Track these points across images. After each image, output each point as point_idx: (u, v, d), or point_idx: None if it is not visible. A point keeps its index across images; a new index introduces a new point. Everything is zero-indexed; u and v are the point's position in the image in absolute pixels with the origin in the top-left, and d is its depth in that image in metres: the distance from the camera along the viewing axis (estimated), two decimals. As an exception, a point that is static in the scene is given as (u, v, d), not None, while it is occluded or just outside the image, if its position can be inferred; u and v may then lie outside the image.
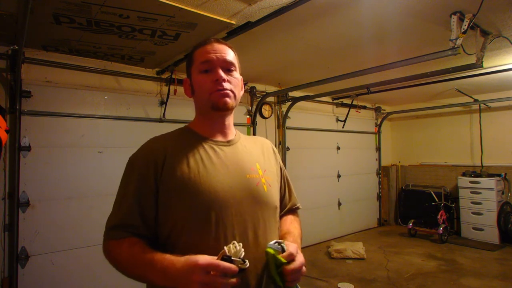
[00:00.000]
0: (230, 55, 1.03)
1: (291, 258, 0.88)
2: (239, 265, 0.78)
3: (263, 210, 0.99)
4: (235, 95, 1.02)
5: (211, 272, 0.76)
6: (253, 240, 0.94)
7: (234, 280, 0.77)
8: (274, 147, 1.22)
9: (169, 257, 0.83)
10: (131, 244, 0.89)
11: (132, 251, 0.87)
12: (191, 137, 1.03)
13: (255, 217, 0.97)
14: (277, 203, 1.06)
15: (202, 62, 1.00)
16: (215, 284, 0.76)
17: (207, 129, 1.04)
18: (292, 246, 0.91)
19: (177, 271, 0.79)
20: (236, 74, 1.04)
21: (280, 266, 0.85)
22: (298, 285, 0.93)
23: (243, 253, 0.81)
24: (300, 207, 1.23)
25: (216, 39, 1.05)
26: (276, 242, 0.89)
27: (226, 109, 1.00)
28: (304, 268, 0.89)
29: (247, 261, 0.80)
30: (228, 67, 1.01)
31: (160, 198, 0.93)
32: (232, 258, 0.78)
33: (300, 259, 0.89)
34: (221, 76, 0.98)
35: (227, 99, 0.99)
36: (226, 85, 0.98)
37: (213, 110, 1.00)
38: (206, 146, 1.01)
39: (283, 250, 0.87)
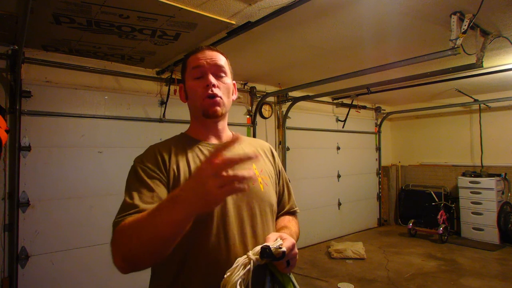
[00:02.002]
0: (221, 60, 1.06)
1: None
2: (276, 254, 0.83)
3: (260, 207, 1.03)
4: (224, 102, 1.05)
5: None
6: (251, 236, 0.98)
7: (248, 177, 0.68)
8: (274, 150, 1.24)
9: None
10: (141, 213, 0.81)
11: (144, 213, 0.79)
12: (189, 142, 1.06)
13: (252, 214, 1.00)
14: (274, 201, 1.09)
15: (193, 67, 1.04)
16: (226, 166, 0.66)
17: (202, 134, 1.08)
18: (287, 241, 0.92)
19: (188, 183, 0.72)
20: (227, 79, 1.07)
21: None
22: (292, 277, 0.93)
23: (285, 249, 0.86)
24: (298, 211, 1.24)
25: (208, 46, 1.09)
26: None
27: (216, 117, 1.04)
28: (292, 253, 0.89)
29: (284, 248, 0.85)
30: (218, 73, 1.04)
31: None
32: (270, 247, 0.83)
33: (286, 244, 0.88)
34: (211, 82, 1.01)
35: (217, 108, 1.02)
36: (216, 90, 1.02)
37: (204, 117, 1.04)
38: (203, 149, 1.05)
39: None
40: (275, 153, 1.23)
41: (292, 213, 1.22)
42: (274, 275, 0.91)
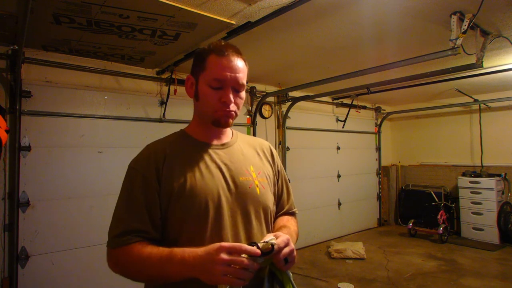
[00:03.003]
0: (244, 75, 1.00)
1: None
2: (263, 249, 0.82)
3: (256, 211, 1.01)
4: (236, 114, 1.03)
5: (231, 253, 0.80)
6: (245, 240, 0.96)
7: (257, 264, 0.81)
8: (273, 149, 1.21)
9: (189, 248, 0.84)
10: (142, 246, 0.89)
11: (146, 251, 0.87)
12: (187, 141, 1.05)
13: (248, 218, 0.99)
14: (270, 205, 1.07)
15: (214, 79, 0.96)
16: (238, 263, 0.78)
17: (202, 134, 1.06)
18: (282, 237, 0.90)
19: (199, 257, 0.81)
20: (243, 93, 1.03)
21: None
22: (291, 276, 0.92)
23: (275, 243, 0.85)
24: (297, 212, 1.23)
25: (233, 49, 1.00)
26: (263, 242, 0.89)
27: (227, 127, 1.04)
28: (288, 248, 0.88)
29: (275, 244, 0.84)
30: (238, 89, 0.99)
31: (160, 199, 0.94)
32: (258, 243, 0.83)
33: (279, 242, 0.87)
34: (230, 100, 0.97)
35: (230, 120, 1.00)
36: (232, 106, 0.98)
37: (214, 125, 1.01)
38: (201, 149, 1.03)
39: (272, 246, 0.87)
40: (275, 153, 1.21)
41: (291, 213, 1.20)
42: (274, 274, 0.90)
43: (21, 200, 2.70)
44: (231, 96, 0.97)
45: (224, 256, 0.78)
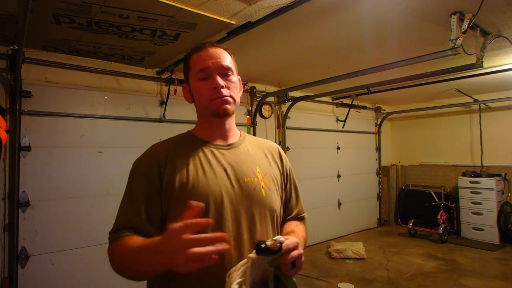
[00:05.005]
0: (226, 59, 1.03)
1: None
2: (271, 247, 0.80)
3: (260, 213, 0.99)
4: (234, 100, 1.02)
5: (187, 232, 0.70)
6: (248, 242, 0.94)
7: (223, 246, 0.72)
8: (282, 152, 1.19)
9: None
10: (131, 238, 0.87)
11: (132, 244, 0.84)
12: (192, 142, 1.04)
13: (252, 220, 0.97)
14: (277, 208, 1.04)
15: (199, 70, 1.01)
16: (195, 243, 0.69)
17: (208, 134, 1.05)
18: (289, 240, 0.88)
19: (158, 243, 0.74)
20: (234, 77, 1.04)
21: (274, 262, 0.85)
22: (296, 282, 0.91)
23: (283, 241, 0.82)
24: (306, 216, 1.20)
25: (210, 43, 1.05)
26: (263, 244, 0.82)
27: (226, 116, 1.01)
28: (297, 252, 0.87)
29: (283, 242, 0.81)
30: (225, 72, 1.01)
31: (162, 198, 0.94)
32: (266, 241, 0.80)
33: (288, 243, 0.84)
34: (219, 84, 0.98)
35: (227, 106, 0.99)
36: (224, 91, 0.99)
37: (214, 116, 1.01)
38: (206, 150, 1.01)
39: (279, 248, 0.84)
40: (284, 155, 1.18)
41: (299, 218, 1.18)
42: (280, 279, 0.88)
43: (21, 200, 2.70)
44: (220, 80, 0.98)
45: (177, 243, 0.69)
